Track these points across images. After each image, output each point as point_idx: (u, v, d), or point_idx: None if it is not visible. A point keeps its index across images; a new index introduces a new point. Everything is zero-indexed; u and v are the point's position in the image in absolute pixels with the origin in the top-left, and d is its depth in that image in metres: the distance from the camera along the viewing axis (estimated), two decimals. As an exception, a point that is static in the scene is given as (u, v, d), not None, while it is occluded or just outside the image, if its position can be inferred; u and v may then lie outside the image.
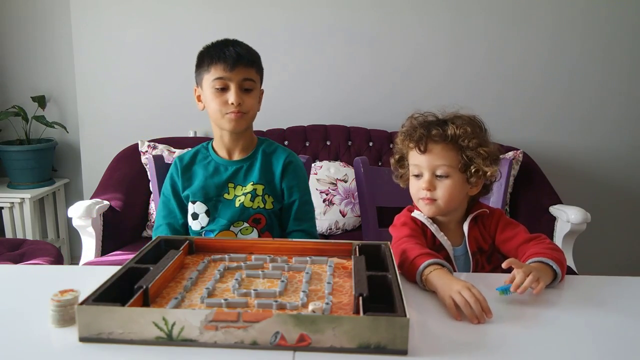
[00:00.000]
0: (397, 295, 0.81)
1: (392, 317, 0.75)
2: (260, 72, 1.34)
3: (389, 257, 0.99)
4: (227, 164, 1.36)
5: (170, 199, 1.37)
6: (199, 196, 1.33)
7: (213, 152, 1.38)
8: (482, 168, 1.12)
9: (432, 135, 1.13)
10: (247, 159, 1.37)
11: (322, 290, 0.91)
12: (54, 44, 2.70)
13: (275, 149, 1.40)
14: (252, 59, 1.31)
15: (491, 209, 1.23)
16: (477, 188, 1.18)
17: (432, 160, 1.14)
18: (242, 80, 1.28)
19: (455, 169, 1.13)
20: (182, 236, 1.10)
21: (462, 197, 1.17)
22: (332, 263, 1.02)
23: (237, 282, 0.91)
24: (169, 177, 1.39)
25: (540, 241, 1.12)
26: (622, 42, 2.53)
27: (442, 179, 1.14)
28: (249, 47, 1.33)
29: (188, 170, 1.37)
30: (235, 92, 1.27)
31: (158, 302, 0.85)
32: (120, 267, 0.90)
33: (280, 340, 0.75)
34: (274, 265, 0.99)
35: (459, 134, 1.12)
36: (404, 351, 0.75)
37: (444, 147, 1.13)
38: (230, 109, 1.28)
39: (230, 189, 1.34)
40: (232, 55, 1.27)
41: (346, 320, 0.74)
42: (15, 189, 2.60)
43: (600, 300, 0.97)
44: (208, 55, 1.30)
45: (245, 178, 1.35)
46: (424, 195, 1.15)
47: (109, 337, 0.75)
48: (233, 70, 1.26)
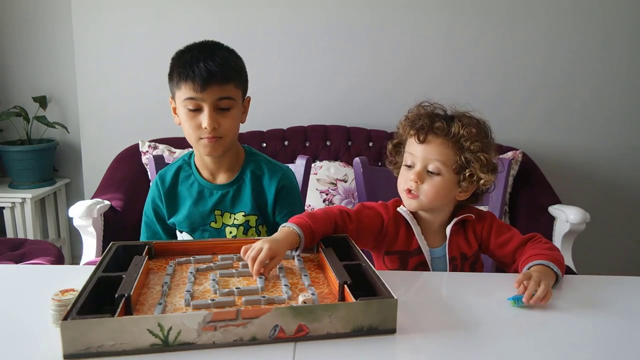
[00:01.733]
0: (378, 280, 0.86)
1: (382, 300, 0.80)
2: (241, 85, 1.18)
3: (354, 247, 1.03)
4: (212, 187, 1.24)
5: (155, 222, 1.28)
6: (184, 226, 1.24)
7: (196, 171, 1.26)
8: (477, 174, 1.08)
9: (434, 127, 1.09)
10: (234, 182, 1.24)
11: (302, 283, 0.93)
12: (55, 45, 2.70)
13: (264, 170, 1.26)
14: (228, 74, 1.13)
15: (481, 213, 1.19)
16: (466, 194, 1.13)
17: (428, 153, 1.10)
18: (216, 100, 1.13)
19: (449, 168, 1.09)
20: (138, 241, 1.06)
21: (448, 199, 1.13)
22: (300, 257, 1.03)
23: (216, 283, 0.91)
24: (151, 200, 1.28)
25: (536, 241, 1.11)
26: (621, 42, 2.53)
27: (432, 175, 1.10)
28: (226, 56, 1.15)
29: (172, 194, 1.26)
30: (208, 115, 1.12)
31: (139, 309, 0.82)
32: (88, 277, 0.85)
33: (279, 333, 0.76)
34: (243, 264, 0.98)
35: (463, 134, 1.08)
36: (393, 330, 0.81)
37: (443, 143, 1.09)
38: (204, 134, 1.14)
39: (217, 216, 1.23)
40: (202, 73, 1.10)
41: (342, 307, 0.78)
42: (16, 188, 2.61)
43: (599, 300, 0.98)
44: (178, 69, 1.14)
45: (233, 205, 1.24)
46: (410, 186, 1.11)
47: (98, 350, 0.72)
48: (205, 90, 1.11)
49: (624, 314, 0.92)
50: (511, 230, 1.16)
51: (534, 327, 0.86)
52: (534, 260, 1.03)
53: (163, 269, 1.00)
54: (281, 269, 0.97)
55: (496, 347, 0.79)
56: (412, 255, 1.15)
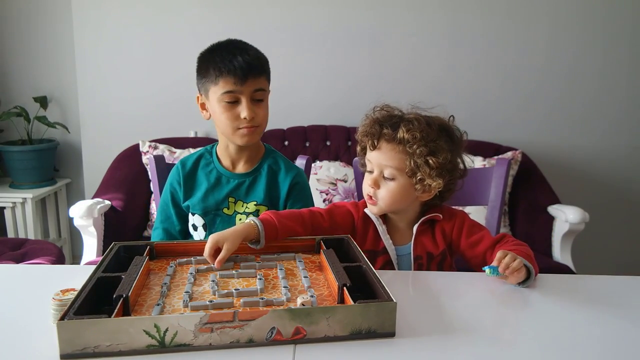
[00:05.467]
0: (378, 283, 0.85)
1: (381, 303, 0.79)
2: (269, 78, 1.26)
3: (354, 248, 1.02)
4: (230, 176, 1.29)
5: (169, 205, 1.33)
6: (198, 209, 1.29)
7: (217, 160, 1.32)
8: (426, 178, 1.07)
9: (382, 133, 1.10)
10: (251, 172, 1.30)
11: (301, 284, 0.93)
12: (55, 45, 2.71)
13: (281, 166, 1.31)
14: (263, 67, 1.21)
15: (452, 212, 1.18)
16: (428, 195, 1.12)
17: (381, 159, 1.10)
18: (253, 91, 1.19)
19: (402, 172, 1.09)
20: (141, 241, 1.06)
21: (408, 202, 1.13)
22: (301, 258, 1.03)
23: (215, 284, 0.91)
24: (169, 184, 1.33)
25: (504, 242, 1.11)
26: (621, 42, 2.53)
27: (387, 181, 1.11)
28: (257, 51, 1.23)
29: (191, 178, 1.31)
30: (247, 106, 1.18)
31: (137, 310, 0.82)
32: (87, 277, 0.85)
33: (276, 336, 0.76)
34: (244, 265, 0.99)
35: (407, 139, 1.07)
36: (392, 333, 0.80)
37: (393, 148, 1.09)
38: (242, 124, 1.20)
39: (230, 203, 1.28)
40: (242, 66, 1.16)
41: (340, 309, 0.78)
42: (17, 188, 2.61)
43: (598, 300, 0.98)
44: (214, 65, 1.18)
45: (247, 194, 1.29)
46: (369, 192, 1.12)
47: (94, 351, 0.72)
48: (244, 83, 1.17)
49: (624, 314, 0.92)
50: (482, 230, 1.15)
51: (533, 327, 0.86)
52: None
53: (163, 269, 1.00)
54: (281, 270, 0.97)
55: (496, 348, 0.79)
56: (380, 255, 1.16)
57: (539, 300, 0.97)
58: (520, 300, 0.97)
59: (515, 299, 0.97)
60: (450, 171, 1.10)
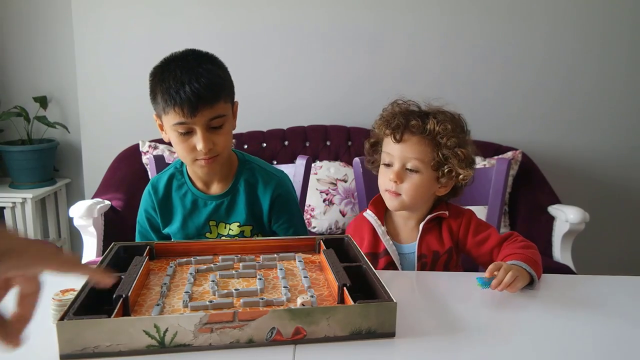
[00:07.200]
0: (378, 283, 0.85)
1: (381, 303, 0.79)
2: (230, 97, 1.13)
3: (354, 248, 1.02)
4: (206, 198, 1.21)
5: (149, 231, 1.26)
6: (179, 237, 1.22)
7: (189, 181, 1.22)
8: (456, 169, 1.08)
9: (410, 125, 1.09)
10: (228, 192, 1.21)
11: (301, 284, 0.92)
12: (55, 45, 2.70)
13: (258, 179, 1.22)
14: (217, 93, 1.07)
15: (459, 210, 1.18)
16: (446, 189, 1.14)
17: (405, 151, 1.10)
18: (208, 121, 1.07)
19: (427, 165, 1.09)
20: (140, 242, 1.04)
21: (428, 195, 1.14)
22: (301, 258, 1.03)
23: (215, 284, 0.90)
24: (144, 211, 1.25)
25: (512, 241, 1.10)
26: (621, 42, 2.53)
27: (411, 173, 1.10)
28: (210, 70, 1.08)
29: (165, 203, 1.22)
30: (202, 137, 1.07)
31: (137, 310, 0.82)
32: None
33: (276, 336, 0.76)
34: (244, 265, 0.99)
35: (439, 130, 1.08)
36: (392, 334, 0.80)
37: (419, 141, 1.09)
38: (200, 155, 1.10)
39: (212, 227, 1.22)
40: (189, 97, 1.03)
41: (340, 309, 0.78)
42: (17, 188, 2.61)
43: (598, 300, 0.98)
44: (162, 95, 1.07)
45: (227, 215, 1.21)
46: (390, 187, 1.11)
47: (94, 351, 0.72)
48: (195, 114, 1.05)
49: (624, 314, 0.92)
50: (489, 229, 1.15)
51: (533, 327, 0.86)
52: (509, 261, 1.02)
53: (163, 269, 0.99)
54: (281, 270, 0.97)
55: (496, 348, 0.80)
56: (381, 257, 1.15)
57: (539, 301, 0.97)
58: (520, 300, 0.97)
59: (515, 299, 0.97)
60: (472, 164, 1.12)
